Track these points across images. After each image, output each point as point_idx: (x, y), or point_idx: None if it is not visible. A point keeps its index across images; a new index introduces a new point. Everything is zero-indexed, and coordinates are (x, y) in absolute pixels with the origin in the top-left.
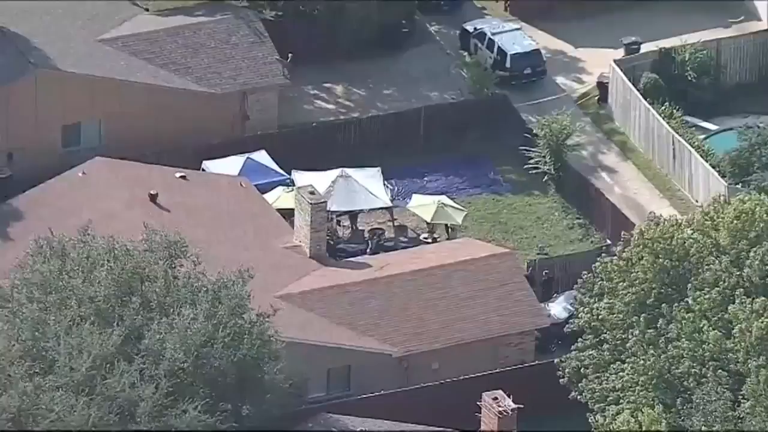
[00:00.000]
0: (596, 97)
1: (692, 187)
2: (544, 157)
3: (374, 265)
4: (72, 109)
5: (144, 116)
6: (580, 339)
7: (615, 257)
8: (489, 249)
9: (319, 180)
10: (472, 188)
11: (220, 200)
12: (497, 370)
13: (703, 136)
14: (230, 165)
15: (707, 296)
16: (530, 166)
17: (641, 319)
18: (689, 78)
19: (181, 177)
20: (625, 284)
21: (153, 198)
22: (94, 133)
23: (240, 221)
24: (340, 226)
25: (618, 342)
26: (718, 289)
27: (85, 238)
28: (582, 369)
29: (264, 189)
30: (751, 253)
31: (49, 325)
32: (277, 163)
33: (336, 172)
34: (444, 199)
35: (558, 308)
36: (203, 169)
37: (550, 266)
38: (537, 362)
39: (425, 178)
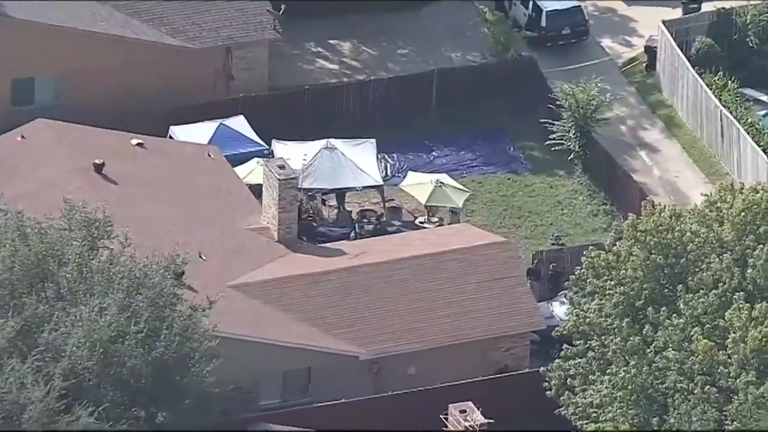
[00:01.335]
0: (644, 64)
1: (741, 170)
2: (567, 131)
3: (351, 253)
4: (24, 62)
5: (109, 73)
6: (566, 345)
7: (604, 251)
8: (485, 237)
9: (302, 151)
10: (485, 165)
11: (181, 172)
12: (479, 378)
13: (763, 112)
14: (200, 132)
15: (702, 300)
16: (552, 141)
17: (623, 324)
18: (750, 44)
19: (138, 144)
20: (613, 283)
21: (98, 168)
22: (50, 90)
23: (201, 197)
24: (325, 206)
25: (605, 350)
26: (716, 291)
27: None
28: (568, 380)
29: (238, 160)
30: (756, 252)
31: None
32: (256, 131)
33: (321, 143)
34: (444, 177)
35: (562, 308)
36: (170, 136)
37: (559, 259)
38: (516, 371)
39: (433, 153)
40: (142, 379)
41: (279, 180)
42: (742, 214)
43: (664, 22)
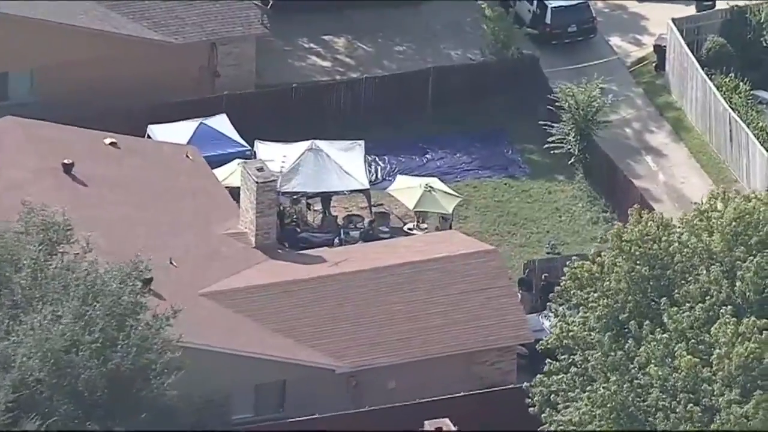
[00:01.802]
0: (653, 64)
1: (749, 177)
2: (567, 134)
3: (331, 260)
4: None
5: (88, 69)
6: (548, 360)
7: (588, 261)
8: (472, 245)
9: (286, 153)
10: (482, 169)
11: (156, 173)
12: (461, 393)
13: None
14: (180, 131)
15: (687, 314)
16: (551, 144)
17: (605, 338)
18: (765, 44)
19: (111, 143)
20: (596, 295)
21: (68, 168)
22: (25, 85)
23: (176, 200)
24: (310, 210)
25: (588, 365)
26: (703, 305)
27: None
28: (551, 396)
29: (218, 161)
30: (745, 264)
31: None
32: (240, 131)
33: (305, 144)
34: (434, 182)
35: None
36: (149, 135)
37: (551, 268)
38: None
39: (427, 155)
40: (98, 392)
41: (257, 183)
42: (733, 223)
43: (673, 20)
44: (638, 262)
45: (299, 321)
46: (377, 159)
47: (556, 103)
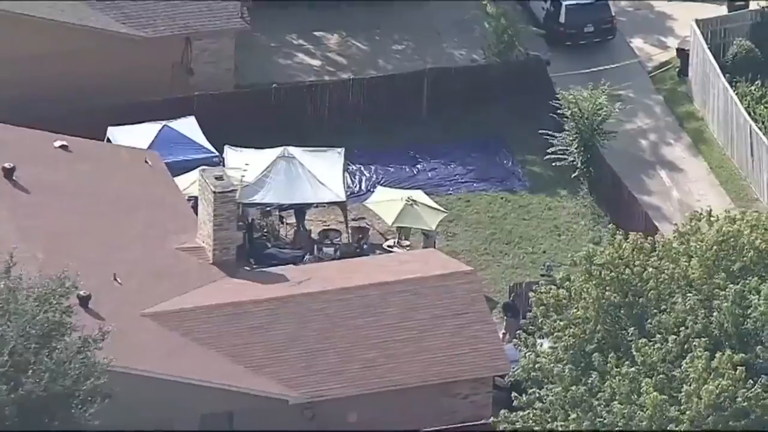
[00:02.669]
0: (677, 69)
1: None
2: (569, 145)
3: (294, 279)
4: None
5: (48, 63)
6: (514, 394)
7: (555, 286)
8: (449, 265)
9: (257, 160)
10: (477, 182)
11: (109, 180)
12: (428, 429)
13: None
14: (141, 134)
15: (658, 346)
16: (553, 156)
17: (565, 371)
18: None
19: (62, 146)
20: (563, 323)
21: (8, 173)
22: None
23: (130, 210)
24: (283, 224)
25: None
26: (677, 337)
27: None
28: None
29: (182, 168)
30: (723, 292)
31: None
32: (213, 135)
33: (277, 151)
34: (418, 195)
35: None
36: (108, 138)
37: None
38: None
39: (418, 165)
40: (7, 420)
41: (214, 193)
42: (715, 248)
43: (697, 21)
44: (608, 288)
45: (252, 346)
46: (362, 168)
47: (558, 111)
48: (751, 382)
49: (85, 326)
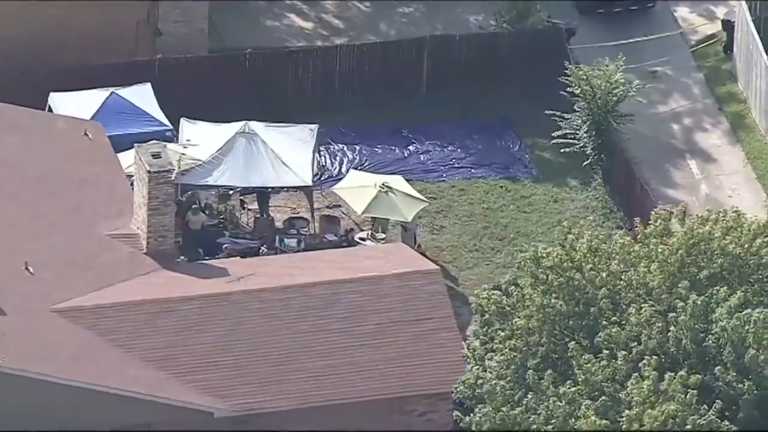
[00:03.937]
0: (722, 43)
1: None
2: (578, 128)
3: (235, 274)
4: None
5: None
6: (457, 413)
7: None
8: (414, 263)
9: (217, 134)
10: (476, 167)
11: (39, 155)
12: None
13: None
14: (86, 102)
15: (604, 363)
16: (560, 141)
17: (497, 389)
18: None
19: None
20: (503, 334)
21: None
22: None
23: (59, 189)
24: (244, 210)
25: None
26: (626, 353)
27: None
28: None
29: (129, 142)
30: (681, 304)
31: None
32: (173, 105)
33: (237, 126)
34: (396, 181)
35: None
36: (49, 106)
37: None
38: None
39: (410, 147)
40: None
41: (149, 172)
42: (680, 252)
43: None
44: (556, 294)
45: (177, 350)
46: (345, 149)
47: (568, 89)
48: (705, 407)
49: None
